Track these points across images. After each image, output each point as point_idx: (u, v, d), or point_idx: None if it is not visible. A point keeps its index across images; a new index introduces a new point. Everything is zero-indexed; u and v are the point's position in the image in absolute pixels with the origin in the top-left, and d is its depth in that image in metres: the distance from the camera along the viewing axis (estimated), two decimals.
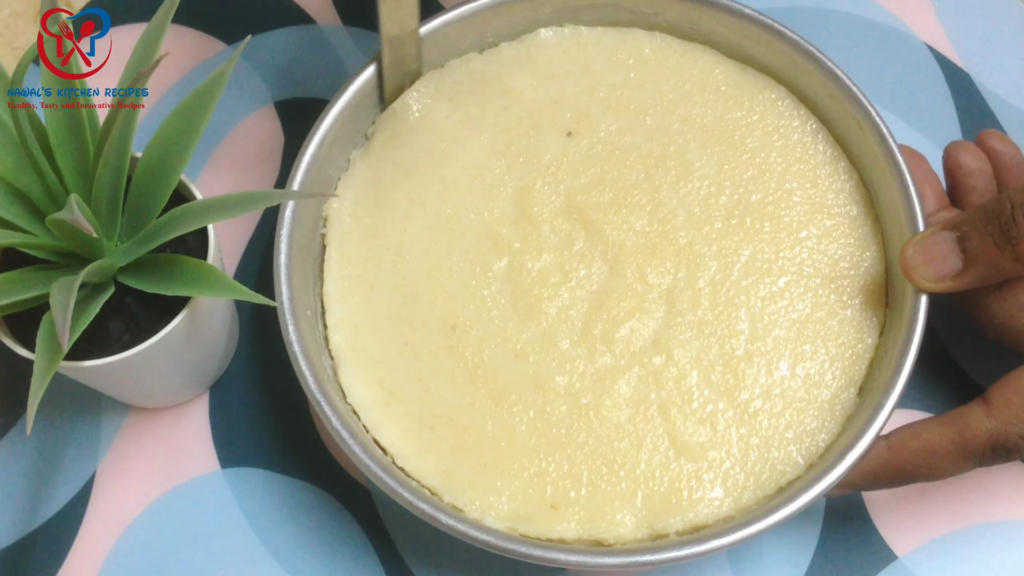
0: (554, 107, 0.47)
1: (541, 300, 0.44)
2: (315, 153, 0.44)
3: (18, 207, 0.37)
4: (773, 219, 0.45)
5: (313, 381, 0.40)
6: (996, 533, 0.45)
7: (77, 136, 0.37)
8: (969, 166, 0.46)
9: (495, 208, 0.45)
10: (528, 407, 0.42)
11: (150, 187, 0.38)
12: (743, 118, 0.47)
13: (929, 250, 0.40)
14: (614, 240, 0.44)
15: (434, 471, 0.41)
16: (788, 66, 0.47)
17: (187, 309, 0.38)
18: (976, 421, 0.39)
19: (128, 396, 0.45)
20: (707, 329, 0.43)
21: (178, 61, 0.53)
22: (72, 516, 0.44)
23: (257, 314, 0.48)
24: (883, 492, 0.45)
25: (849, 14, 0.55)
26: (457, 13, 0.46)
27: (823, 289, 0.44)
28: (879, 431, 0.39)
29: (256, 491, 0.45)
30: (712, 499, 0.40)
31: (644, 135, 0.46)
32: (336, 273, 0.44)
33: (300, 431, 0.46)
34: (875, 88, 0.52)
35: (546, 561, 0.38)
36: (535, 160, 0.46)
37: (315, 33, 0.54)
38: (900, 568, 0.44)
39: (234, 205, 0.37)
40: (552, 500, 0.40)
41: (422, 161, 0.46)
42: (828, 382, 0.42)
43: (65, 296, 0.32)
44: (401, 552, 0.44)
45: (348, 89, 0.45)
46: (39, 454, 0.45)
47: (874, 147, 0.44)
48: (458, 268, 0.44)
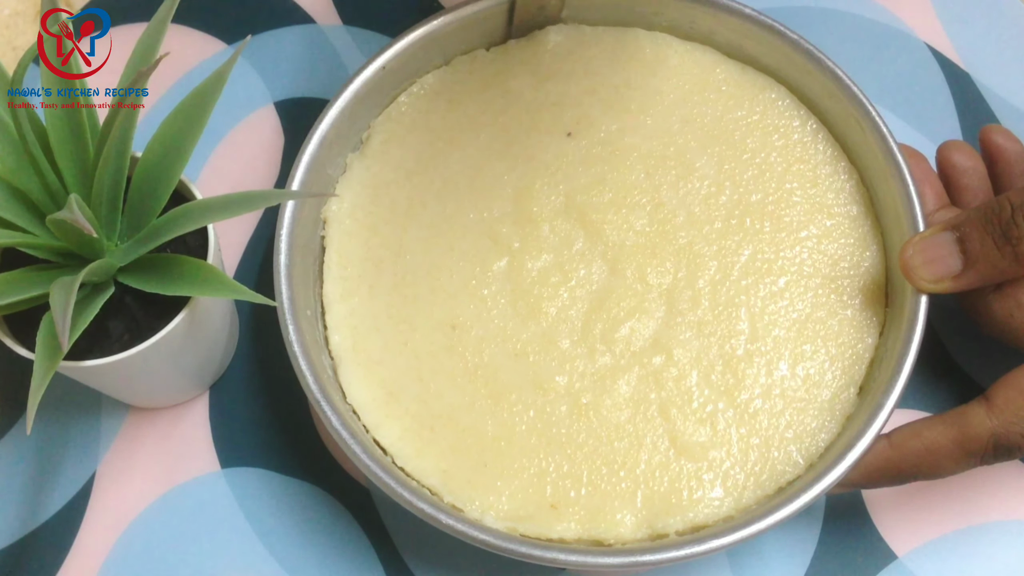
0: (554, 107, 0.47)
1: (541, 300, 0.44)
2: (315, 153, 0.44)
3: (18, 207, 0.36)
4: (773, 219, 0.45)
5: (313, 381, 0.40)
6: (996, 533, 0.45)
7: (77, 136, 0.37)
8: (962, 165, 0.46)
9: (495, 208, 0.45)
10: (528, 407, 0.42)
11: (150, 187, 0.38)
12: (743, 118, 0.47)
13: (929, 251, 0.40)
14: (614, 240, 0.44)
15: (434, 471, 0.41)
16: (788, 66, 0.47)
17: (187, 309, 0.38)
18: (978, 420, 0.39)
19: (128, 396, 0.45)
20: (707, 329, 0.43)
21: (178, 61, 0.53)
22: (72, 516, 0.44)
23: (257, 314, 0.48)
24: (883, 492, 0.45)
25: (849, 14, 0.55)
26: (457, 13, 0.46)
27: (823, 289, 0.44)
28: (879, 431, 0.39)
29: (256, 491, 0.45)
30: (712, 499, 0.40)
31: (644, 135, 0.46)
32: (336, 273, 0.44)
33: (300, 431, 0.46)
34: (875, 88, 0.52)
35: (546, 561, 0.38)
36: (535, 160, 0.46)
37: (315, 33, 0.54)
38: (900, 568, 0.44)
39: (234, 205, 0.37)
40: (552, 500, 0.40)
41: (421, 161, 0.46)
42: (828, 382, 0.42)
43: (65, 296, 0.32)
44: (401, 552, 0.44)
45: (348, 89, 0.45)
46: (39, 454, 0.45)
47: (874, 147, 0.44)
48: (458, 268, 0.44)
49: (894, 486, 0.41)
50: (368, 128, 0.47)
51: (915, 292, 0.41)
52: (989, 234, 0.39)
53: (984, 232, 0.39)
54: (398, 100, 0.47)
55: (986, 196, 0.45)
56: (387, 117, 0.47)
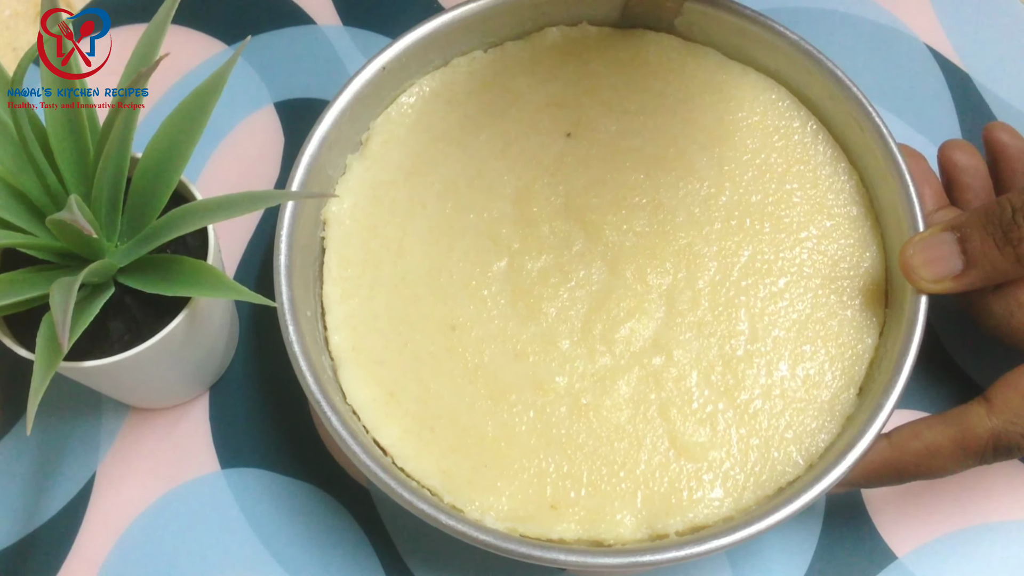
0: (554, 108, 0.47)
1: (541, 300, 0.44)
2: (315, 154, 0.44)
3: (18, 207, 0.37)
4: (773, 220, 0.45)
5: (313, 381, 0.40)
6: (996, 533, 0.45)
7: (77, 136, 0.37)
8: (964, 164, 0.45)
9: (494, 209, 0.45)
10: (528, 407, 0.42)
11: (150, 187, 0.38)
12: (744, 119, 0.47)
13: (929, 251, 0.40)
14: (613, 241, 0.44)
15: (434, 471, 0.41)
16: (788, 67, 0.47)
17: (187, 310, 0.38)
18: (977, 420, 0.39)
19: (128, 396, 0.45)
20: (707, 329, 0.43)
21: (178, 62, 0.53)
22: (72, 516, 0.44)
23: (257, 315, 0.48)
24: (883, 492, 0.45)
25: (849, 15, 0.55)
26: (458, 14, 0.46)
27: (823, 289, 0.44)
28: (879, 431, 0.39)
29: (256, 491, 0.45)
30: (712, 499, 0.40)
31: (644, 136, 0.46)
32: (336, 274, 0.44)
33: (300, 431, 0.46)
34: (875, 88, 0.52)
35: (546, 561, 0.38)
36: (535, 161, 0.46)
37: (315, 34, 0.54)
38: (900, 568, 0.44)
39: (234, 205, 0.37)
40: (552, 500, 0.40)
41: (421, 162, 0.46)
42: (828, 382, 0.42)
43: (65, 297, 0.32)
44: (401, 553, 0.44)
45: (348, 89, 0.45)
46: (39, 454, 0.45)
47: (874, 147, 0.44)
48: (458, 268, 0.44)
49: (894, 486, 0.41)
50: (368, 129, 0.47)
51: (915, 292, 0.41)
52: (990, 235, 0.39)
53: (985, 233, 0.39)
54: (398, 101, 0.47)
55: (987, 195, 0.45)
56: (387, 118, 0.47)
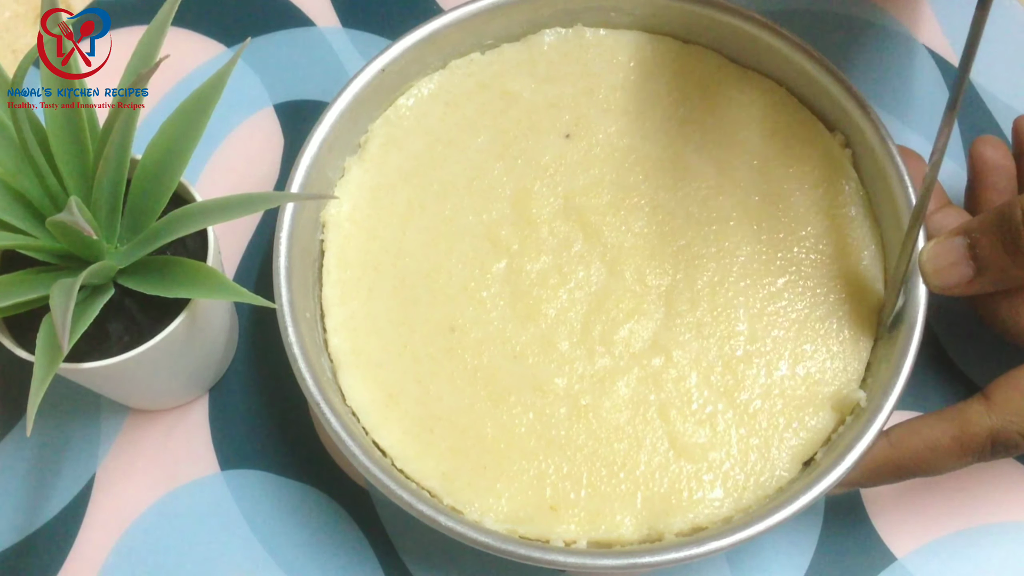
0: (552, 109, 0.47)
1: (540, 302, 0.44)
2: (315, 155, 0.44)
3: (18, 209, 0.37)
4: (771, 220, 0.45)
5: (313, 383, 0.40)
6: (996, 534, 0.45)
7: (77, 137, 0.37)
8: (993, 162, 0.45)
9: (494, 210, 0.45)
10: (527, 409, 0.42)
11: (150, 189, 0.38)
12: (742, 119, 0.47)
13: (941, 257, 0.40)
14: (613, 242, 0.45)
15: (433, 473, 0.41)
16: (788, 68, 0.47)
17: (187, 311, 0.38)
18: (976, 417, 0.39)
19: (128, 398, 0.45)
20: (706, 330, 0.43)
21: (178, 63, 0.53)
22: (72, 517, 0.44)
23: (257, 316, 0.48)
24: (883, 492, 0.45)
25: (849, 16, 0.55)
26: (457, 15, 0.47)
27: (821, 289, 0.44)
28: (879, 431, 0.39)
29: (256, 493, 0.45)
30: (712, 500, 0.40)
31: (643, 137, 0.47)
32: (335, 276, 0.44)
33: (299, 433, 0.46)
34: (874, 89, 0.52)
35: (545, 563, 0.38)
36: (533, 162, 0.46)
37: (315, 35, 0.54)
38: (899, 569, 0.44)
39: (234, 207, 0.37)
40: (552, 502, 0.40)
41: (420, 164, 0.46)
42: (828, 381, 0.42)
43: (65, 298, 0.32)
44: (400, 554, 0.44)
45: (347, 91, 0.45)
46: (39, 456, 0.45)
47: (873, 148, 0.44)
48: (457, 270, 0.44)
49: (893, 483, 0.41)
50: (366, 131, 0.47)
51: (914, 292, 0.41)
52: (1000, 240, 0.39)
53: (995, 238, 0.39)
54: (397, 103, 0.47)
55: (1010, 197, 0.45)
56: (386, 120, 0.47)
